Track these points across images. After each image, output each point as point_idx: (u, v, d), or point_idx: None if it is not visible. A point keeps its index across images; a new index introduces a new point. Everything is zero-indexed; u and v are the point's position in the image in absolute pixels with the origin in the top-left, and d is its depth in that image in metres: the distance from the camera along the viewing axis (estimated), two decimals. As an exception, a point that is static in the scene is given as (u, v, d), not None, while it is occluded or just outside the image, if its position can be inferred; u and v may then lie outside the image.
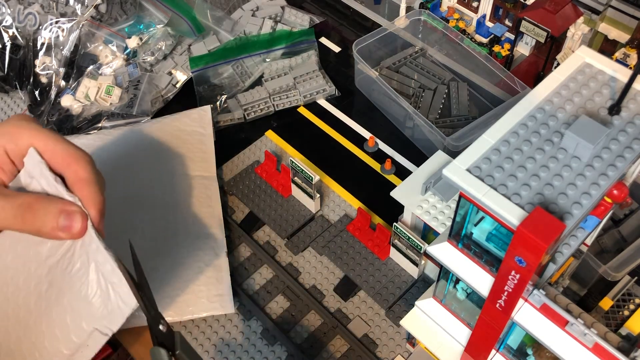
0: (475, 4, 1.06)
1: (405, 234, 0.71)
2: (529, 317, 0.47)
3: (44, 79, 0.99)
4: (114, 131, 0.93)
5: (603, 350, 0.45)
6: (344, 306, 0.77)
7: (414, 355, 0.71)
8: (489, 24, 1.07)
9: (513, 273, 0.41)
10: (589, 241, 0.59)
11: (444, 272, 0.55)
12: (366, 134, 0.96)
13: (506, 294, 0.44)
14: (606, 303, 0.68)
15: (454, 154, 0.77)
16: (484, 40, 1.05)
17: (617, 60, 0.90)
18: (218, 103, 0.99)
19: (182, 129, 0.93)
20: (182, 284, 0.76)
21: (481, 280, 0.48)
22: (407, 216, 0.74)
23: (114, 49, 1.01)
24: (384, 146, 0.94)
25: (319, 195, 0.84)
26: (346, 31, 1.13)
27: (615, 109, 0.45)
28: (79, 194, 0.49)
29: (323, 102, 1.01)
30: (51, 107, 0.97)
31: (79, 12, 1.00)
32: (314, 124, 0.98)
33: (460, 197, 0.44)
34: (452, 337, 0.59)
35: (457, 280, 0.55)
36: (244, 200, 0.87)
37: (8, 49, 1.01)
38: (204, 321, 0.77)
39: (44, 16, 1.00)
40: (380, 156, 0.93)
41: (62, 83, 0.98)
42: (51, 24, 0.99)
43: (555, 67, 0.96)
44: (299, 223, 0.84)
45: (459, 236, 0.49)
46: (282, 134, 0.97)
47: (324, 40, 1.11)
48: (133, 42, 1.02)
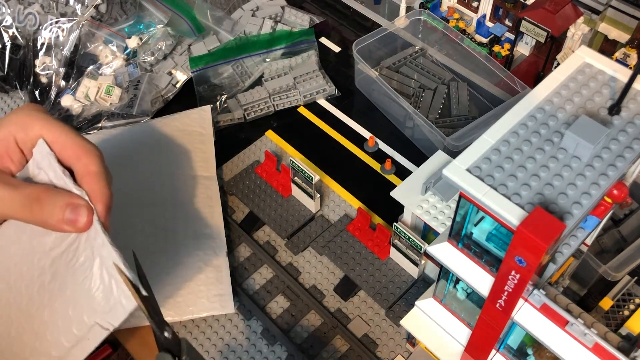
0: (475, 4, 1.06)
1: (405, 234, 0.71)
2: (529, 317, 0.47)
3: (44, 79, 0.99)
4: (114, 131, 0.93)
5: (603, 350, 0.45)
6: (344, 306, 0.77)
7: (414, 355, 0.71)
8: (489, 24, 1.07)
9: (513, 273, 0.41)
10: (589, 241, 0.59)
11: (444, 272, 0.55)
12: (366, 134, 0.96)
13: (506, 294, 0.44)
14: (606, 303, 0.68)
15: (454, 154, 0.77)
16: (484, 40, 1.05)
17: (617, 60, 0.90)
18: (218, 103, 0.99)
19: (182, 129, 0.93)
20: (182, 284, 0.76)
21: (481, 280, 0.48)
22: (407, 216, 0.74)
23: (114, 49, 1.01)
24: (384, 146, 0.95)
25: (319, 195, 0.84)
26: (346, 31, 1.13)
27: (615, 109, 0.45)
28: (87, 187, 0.49)
29: (323, 102, 1.01)
30: (51, 107, 0.97)
31: (79, 12, 1.00)
32: (314, 124, 0.98)
33: (460, 197, 0.45)
34: (452, 337, 0.59)
35: (457, 280, 0.55)
36: (244, 200, 0.87)
37: (8, 49, 1.01)
38: (204, 321, 0.77)
39: (44, 16, 1.00)
40: (380, 156, 0.93)
41: (62, 83, 0.98)
42: (51, 24, 0.99)
43: (555, 67, 0.96)
44: (299, 223, 0.84)
45: (459, 236, 0.49)
46: (282, 134, 0.97)
47: (324, 40, 1.11)
48: (133, 42, 1.02)
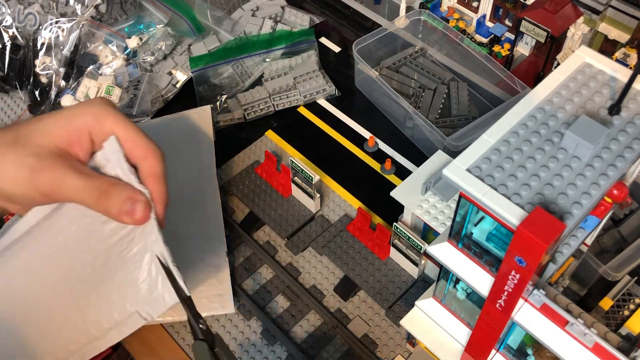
0: (475, 4, 1.06)
1: (405, 234, 0.71)
2: (529, 317, 0.47)
3: (44, 79, 0.99)
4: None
5: (603, 350, 0.45)
6: (344, 306, 0.77)
7: (414, 355, 0.71)
8: (489, 24, 1.07)
9: (513, 273, 0.41)
10: (589, 241, 0.59)
11: (444, 272, 0.55)
12: (366, 134, 0.96)
13: (506, 294, 0.44)
14: (606, 303, 0.67)
15: (454, 154, 0.77)
16: (484, 40, 1.05)
17: (617, 60, 0.90)
18: (218, 103, 0.99)
19: (182, 129, 0.93)
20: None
21: (481, 280, 0.48)
22: (407, 216, 0.74)
23: (114, 49, 1.01)
24: (384, 146, 0.94)
25: (319, 195, 0.84)
26: (346, 31, 1.13)
27: (615, 109, 0.45)
28: (150, 187, 0.53)
29: (323, 102, 1.01)
30: (51, 107, 0.97)
31: (79, 12, 1.00)
32: (314, 124, 0.98)
33: (460, 197, 0.44)
34: (452, 337, 0.59)
35: (457, 280, 0.55)
36: (244, 200, 0.87)
37: (8, 49, 1.01)
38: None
39: (44, 16, 1.00)
40: (380, 156, 0.93)
41: (62, 83, 0.98)
42: (51, 24, 0.99)
43: (555, 67, 0.96)
44: (299, 223, 0.84)
45: (459, 236, 0.49)
46: (282, 134, 0.97)
47: (324, 40, 1.11)
48: (133, 42, 1.02)
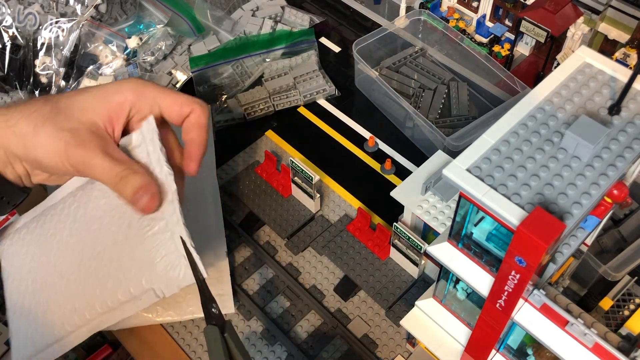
0: (475, 4, 1.06)
1: (405, 234, 0.71)
2: (529, 317, 0.47)
3: (44, 79, 0.99)
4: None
5: (603, 350, 0.45)
6: (344, 306, 0.77)
7: (414, 355, 0.71)
8: (489, 24, 1.07)
9: (513, 273, 0.41)
10: (589, 241, 0.59)
11: (444, 272, 0.55)
12: (366, 134, 0.96)
13: (506, 294, 0.44)
14: (606, 303, 0.67)
15: (454, 154, 0.77)
16: (484, 40, 1.05)
17: (617, 60, 0.90)
18: (218, 103, 0.99)
19: (182, 129, 0.93)
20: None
21: (481, 280, 0.48)
22: (407, 216, 0.74)
23: (114, 49, 1.01)
24: (384, 146, 0.94)
25: (319, 195, 0.84)
26: (346, 31, 1.13)
27: (615, 109, 0.45)
28: (193, 134, 0.57)
29: (323, 102, 1.01)
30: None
31: (79, 12, 1.00)
32: (314, 124, 0.98)
33: (460, 197, 0.45)
34: (452, 337, 0.59)
35: (457, 280, 0.55)
36: (244, 200, 0.87)
37: (8, 49, 1.01)
38: (204, 321, 0.76)
39: (44, 16, 1.00)
40: (380, 156, 0.93)
41: (62, 83, 0.98)
42: (51, 24, 0.99)
43: (555, 67, 0.96)
44: (299, 223, 0.84)
45: (459, 236, 0.49)
46: (282, 134, 0.97)
47: (324, 40, 1.11)
48: (133, 42, 1.02)
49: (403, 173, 0.91)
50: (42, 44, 0.99)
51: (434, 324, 0.60)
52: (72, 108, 0.55)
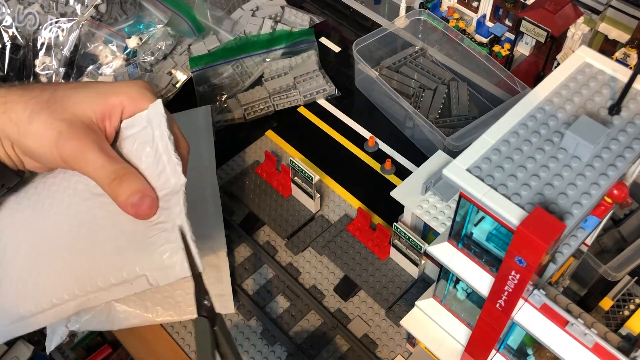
0: (475, 4, 1.06)
1: (405, 234, 0.71)
2: (529, 317, 0.47)
3: (44, 79, 0.99)
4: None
5: (603, 350, 0.45)
6: (344, 306, 0.77)
7: (414, 355, 0.71)
8: (489, 23, 1.07)
9: (513, 273, 0.41)
10: (589, 241, 0.59)
11: (444, 272, 0.55)
12: (366, 134, 0.96)
13: (506, 294, 0.44)
14: (606, 303, 0.67)
15: (454, 154, 0.77)
16: (484, 40, 1.05)
17: (617, 60, 0.90)
18: (218, 103, 0.99)
19: (182, 129, 0.92)
20: (182, 284, 0.76)
21: (481, 280, 0.48)
22: (407, 216, 0.74)
23: (114, 49, 1.01)
24: (384, 146, 0.94)
25: (319, 195, 0.84)
26: (346, 31, 1.13)
27: (615, 108, 0.45)
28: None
29: (323, 102, 1.01)
30: (51, 107, 0.96)
31: (79, 12, 1.00)
32: (314, 124, 0.98)
33: (460, 197, 0.44)
34: (452, 337, 0.59)
35: (457, 280, 0.55)
36: (244, 200, 0.87)
37: (8, 49, 1.01)
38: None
39: (44, 16, 1.00)
40: (380, 156, 0.93)
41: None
42: (51, 24, 0.99)
43: (555, 67, 0.96)
44: (299, 223, 0.84)
45: (459, 236, 0.49)
46: (282, 134, 0.97)
47: (324, 40, 1.11)
48: (133, 42, 1.02)
49: (403, 173, 0.91)
50: (42, 44, 0.99)
51: (434, 324, 0.60)
52: (69, 99, 0.54)
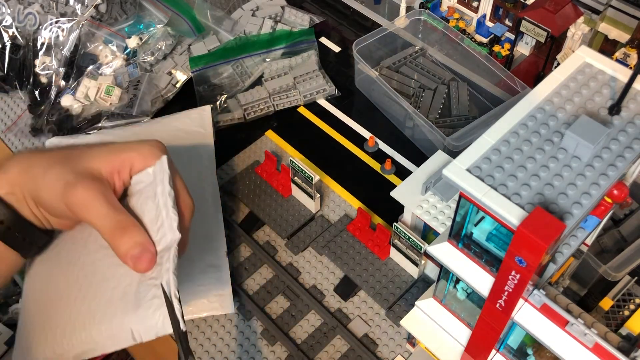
0: (475, 4, 1.06)
1: (405, 234, 0.71)
2: (529, 317, 0.47)
3: (44, 79, 0.99)
4: (114, 131, 0.92)
5: (603, 350, 0.45)
6: (344, 306, 0.77)
7: (414, 355, 0.71)
8: (489, 23, 1.07)
9: (513, 273, 0.41)
10: (589, 241, 0.59)
11: (444, 272, 0.55)
12: (366, 134, 0.96)
13: (506, 294, 0.44)
14: (606, 303, 0.67)
15: (454, 154, 0.77)
16: (484, 40, 1.05)
17: (617, 60, 0.90)
18: (218, 103, 0.99)
19: (182, 129, 0.92)
20: (182, 284, 0.76)
21: (481, 280, 0.48)
22: (407, 216, 0.74)
23: (114, 49, 1.01)
24: (384, 146, 0.94)
25: (319, 195, 0.84)
26: (346, 31, 1.13)
27: (615, 108, 0.45)
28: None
29: (323, 102, 1.01)
30: (51, 107, 0.97)
31: (79, 12, 1.00)
32: (314, 124, 0.98)
33: (460, 197, 0.44)
34: (452, 337, 0.59)
35: (457, 280, 0.55)
36: (244, 200, 0.87)
37: (8, 49, 1.01)
38: (204, 321, 0.77)
39: (44, 16, 1.00)
40: (380, 156, 0.93)
41: (62, 83, 0.98)
42: (51, 24, 0.99)
43: (556, 67, 0.96)
44: (299, 223, 0.84)
45: (459, 236, 0.49)
46: (282, 134, 0.97)
47: (324, 40, 1.11)
48: (133, 42, 1.02)
49: (403, 173, 0.91)
50: (42, 44, 0.99)
51: (434, 324, 0.60)
52: (82, 156, 0.57)
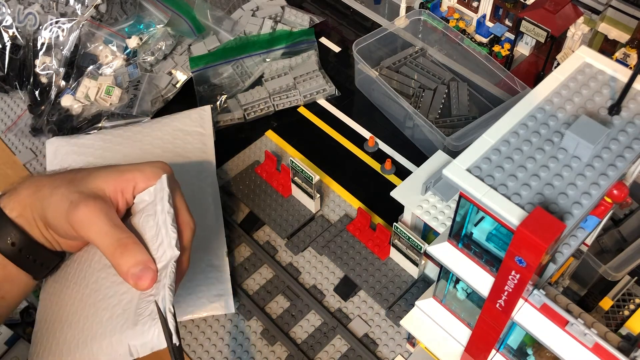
0: (475, 4, 1.06)
1: (405, 234, 0.71)
2: (529, 317, 0.47)
3: (44, 79, 0.99)
4: (114, 131, 0.92)
5: (603, 350, 0.45)
6: (344, 306, 0.77)
7: (414, 355, 0.71)
8: (489, 23, 1.07)
9: (513, 273, 0.41)
10: (589, 241, 0.59)
11: (444, 272, 0.55)
12: (366, 134, 0.96)
13: (506, 294, 0.44)
14: (606, 303, 0.67)
15: (454, 154, 0.77)
16: (484, 40, 1.05)
17: (617, 60, 0.90)
18: (218, 103, 0.99)
19: (182, 129, 0.93)
20: (182, 284, 0.76)
21: (481, 280, 0.48)
22: (407, 216, 0.74)
23: (114, 49, 1.01)
24: (384, 146, 0.94)
25: (319, 195, 0.84)
26: (346, 31, 1.13)
27: (615, 109, 0.45)
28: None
29: (323, 102, 1.01)
30: (51, 107, 0.97)
31: (79, 12, 1.00)
32: (314, 124, 0.98)
33: (460, 197, 0.45)
34: (452, 337, 0.59)
35: (457, 280, 0.55)
36: (244, 200, 0.87)
37: (8, 49, 1.01)
38: (204, 321, 0.77)
39: (44, 16, 1.00)
40: (380, 156, 0.93)
41: (62, 83, 0.98)
42: (51, 24, 0.99)
43: (555, 67, 0.96)
44: (299, 223, 0.84)
45: (459, 236, 0.49)
46: (282, 134, 0.97)
47: (324, 40, 1.11)
48: (133, 42, 1.02)
49: (403, 173, 0.91)
50: (42, 44, 0.99)
51: (434, 324, 0.60)
52: (88, 177, 0.58)
